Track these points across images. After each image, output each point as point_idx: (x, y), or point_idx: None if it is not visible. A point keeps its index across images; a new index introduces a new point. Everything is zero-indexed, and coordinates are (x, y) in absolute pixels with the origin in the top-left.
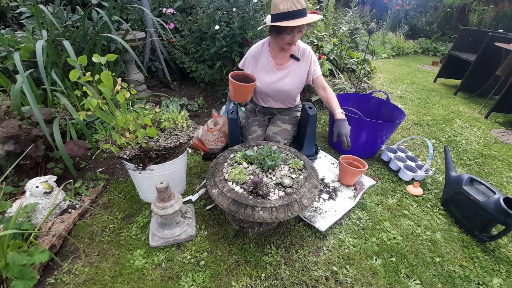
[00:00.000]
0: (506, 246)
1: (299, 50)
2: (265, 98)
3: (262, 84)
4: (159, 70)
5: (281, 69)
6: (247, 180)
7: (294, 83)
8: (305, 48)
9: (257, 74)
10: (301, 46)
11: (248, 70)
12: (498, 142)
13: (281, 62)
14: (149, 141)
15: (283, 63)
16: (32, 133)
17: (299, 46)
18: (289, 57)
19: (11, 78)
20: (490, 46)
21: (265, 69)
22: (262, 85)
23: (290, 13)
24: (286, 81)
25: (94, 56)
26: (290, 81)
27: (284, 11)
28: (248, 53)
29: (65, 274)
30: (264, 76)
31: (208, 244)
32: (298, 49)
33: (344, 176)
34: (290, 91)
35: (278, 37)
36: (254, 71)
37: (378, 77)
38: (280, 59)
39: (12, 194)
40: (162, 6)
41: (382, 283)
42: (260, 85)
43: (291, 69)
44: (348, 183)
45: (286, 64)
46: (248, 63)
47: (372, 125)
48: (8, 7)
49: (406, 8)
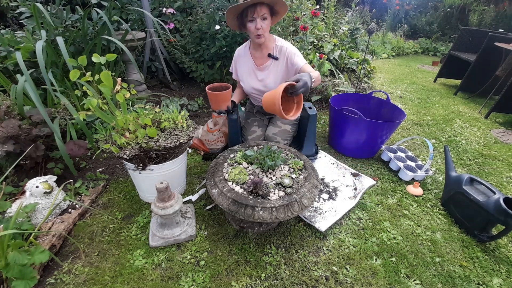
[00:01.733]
0: (506, 246)
1: (277, 48)
2: (256, 99)
3: (246, 86)
4: (159, 70)
5: (261, 69)
6: (247, 180)
7: (276, 83)
8: (282, 45)
9: (241, 77)
10: (279, 44)
11: (235, 73)
12: (498, 142)
13: (260, 62)
14: (149, 141)
15: (262, 63)
16: (32, 133)
17: (277, 44)
18: (267, 57)
19: (11, 78)
20: (490, 46)
21: (247, 71)
22: (246, 86)
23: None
24: (267, 82)
25: (94, 56)
26: (272, 81)
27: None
28: (234, 57)
29: (65, 274)
30: (247, 78)
31: (208, 244)
32: (276, 48)
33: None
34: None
35: (245, 29)
36: (239, 74)
37: (378, 77)
38: (259, 59)
39: (12, 194)
40: (162, 6)
41: (382, 283)
42: (244, 86)
43: (270, 69)
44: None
45: (265, 64)
46: (234, 66)
47: (372, 125)
48: (8, 7)
49: (406, 8)
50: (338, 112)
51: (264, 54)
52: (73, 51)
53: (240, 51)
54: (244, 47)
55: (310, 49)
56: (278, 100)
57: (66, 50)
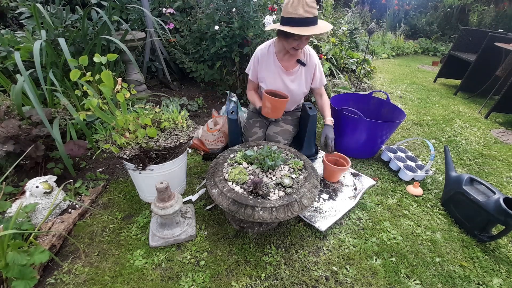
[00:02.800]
0: (506, 246)
1: (306, 55)
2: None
3: (269, 88)
4: (159, 70)
5: (289, 73)
6: (247, 180)
7: (300, 89)
8: (310, 53)
9: (264, 78)
10: (307, 51)
11: (254, 73)
12: (498, 142)
13: (288, 66)
14: (149, 141)
15: (290, 67)
16: (32, 133)
17: (305, 51)
18: (295, 62)
19: (11, 78)
20: (490, 46)
21: (272, 73)
22: (270, 88)
23: (302, 19)
24: (293, 87)
25: (95, 56)
26: (297, 87)
27: (296, 16)
28: (253, 57)
29: (65, 274)
30: (271, 80)
31: (208, 244)
32: (304, 54)
33: (327, 174)
34: (296, 97)
35: (285, 40)
36: (262, 75)
37: (378, 77)
38: (287, 63)
39: (12, 194)
40: (162, 6)
41: (382, 283)
42: (267, 88)
43: (298, 74)
44: (331, 180)
45: (294, 69)
46: (254, 66)
47: (372, 125)
48: (8, 7)
49: (406, 8)
50: (338, 112)
51: (293, 59)
52: (73, 51)
53: (264, 51)
54: (267, 47)
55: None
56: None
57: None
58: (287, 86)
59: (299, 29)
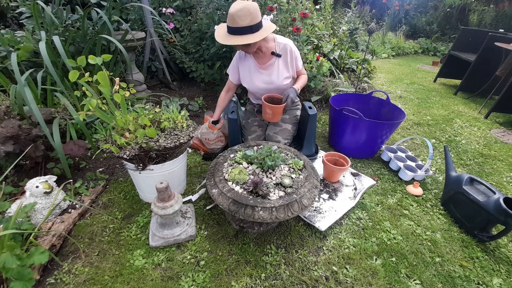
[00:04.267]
0: (506, 246)
1: (280, 46)
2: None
3: (250, 86)
4: (159, 70)
5: (265, 68)
6: (247, 180)
7: (280, 77)
8: (285, 43)
9: (244, 78)
10: (281, 42)
11: (235, 74)
12: (498, 142)
13: (263, 61)
14: (149, 141)
15: (266, 61)
16: (32, 133)
17: (279, 42)
18: (270, 55)
19: (11, 78)
20: (490, 46)
21: (249, 71)
22: (250, 86)
23: (230, 28)
24: (272, 79)
25: (90, 58)
26: (275, 78)
27: (228, 25)
28: (235, 57)
29: (65, 274)
30: (250, 77)
31: (208, 244)
32: (278, 46)
33: (327, 173)
34: (279, 87)
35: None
36: (242, 76)
37: (378, 77)
38: (262, 59)
39: (12, 194)
40: (162, 6)
41: (382, 283)
42: (248, 86)
43: (275, 67)
44: (331, 180)
45: (269, 62)
46: (234, 67)
47: (372, 125)
48: (8, 7)
49: (406, 8)
50: (338, 112)
51: (265, 53)
52: (73, 51)
53: (241, 53)
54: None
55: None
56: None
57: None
58: (266, 79)
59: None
